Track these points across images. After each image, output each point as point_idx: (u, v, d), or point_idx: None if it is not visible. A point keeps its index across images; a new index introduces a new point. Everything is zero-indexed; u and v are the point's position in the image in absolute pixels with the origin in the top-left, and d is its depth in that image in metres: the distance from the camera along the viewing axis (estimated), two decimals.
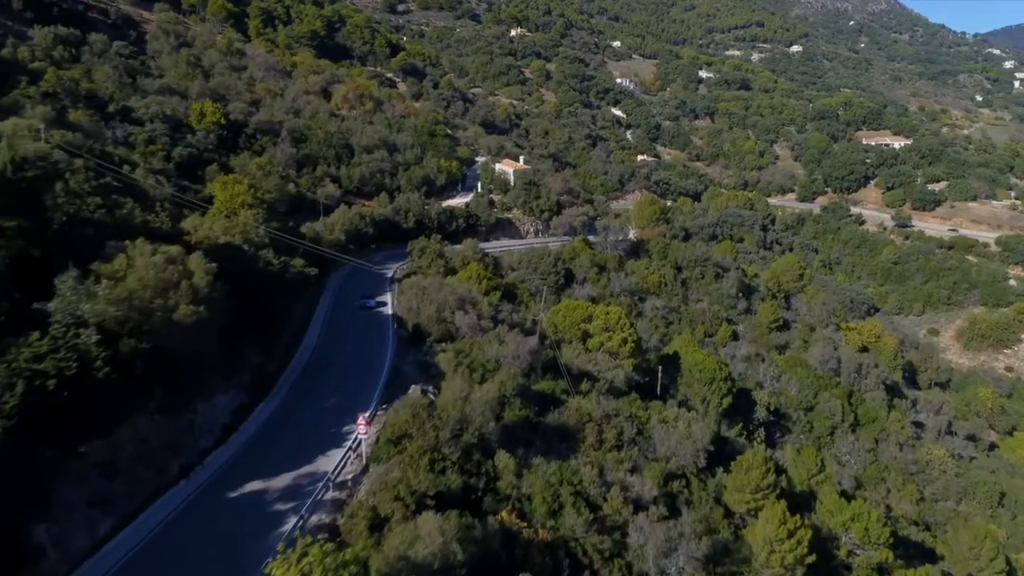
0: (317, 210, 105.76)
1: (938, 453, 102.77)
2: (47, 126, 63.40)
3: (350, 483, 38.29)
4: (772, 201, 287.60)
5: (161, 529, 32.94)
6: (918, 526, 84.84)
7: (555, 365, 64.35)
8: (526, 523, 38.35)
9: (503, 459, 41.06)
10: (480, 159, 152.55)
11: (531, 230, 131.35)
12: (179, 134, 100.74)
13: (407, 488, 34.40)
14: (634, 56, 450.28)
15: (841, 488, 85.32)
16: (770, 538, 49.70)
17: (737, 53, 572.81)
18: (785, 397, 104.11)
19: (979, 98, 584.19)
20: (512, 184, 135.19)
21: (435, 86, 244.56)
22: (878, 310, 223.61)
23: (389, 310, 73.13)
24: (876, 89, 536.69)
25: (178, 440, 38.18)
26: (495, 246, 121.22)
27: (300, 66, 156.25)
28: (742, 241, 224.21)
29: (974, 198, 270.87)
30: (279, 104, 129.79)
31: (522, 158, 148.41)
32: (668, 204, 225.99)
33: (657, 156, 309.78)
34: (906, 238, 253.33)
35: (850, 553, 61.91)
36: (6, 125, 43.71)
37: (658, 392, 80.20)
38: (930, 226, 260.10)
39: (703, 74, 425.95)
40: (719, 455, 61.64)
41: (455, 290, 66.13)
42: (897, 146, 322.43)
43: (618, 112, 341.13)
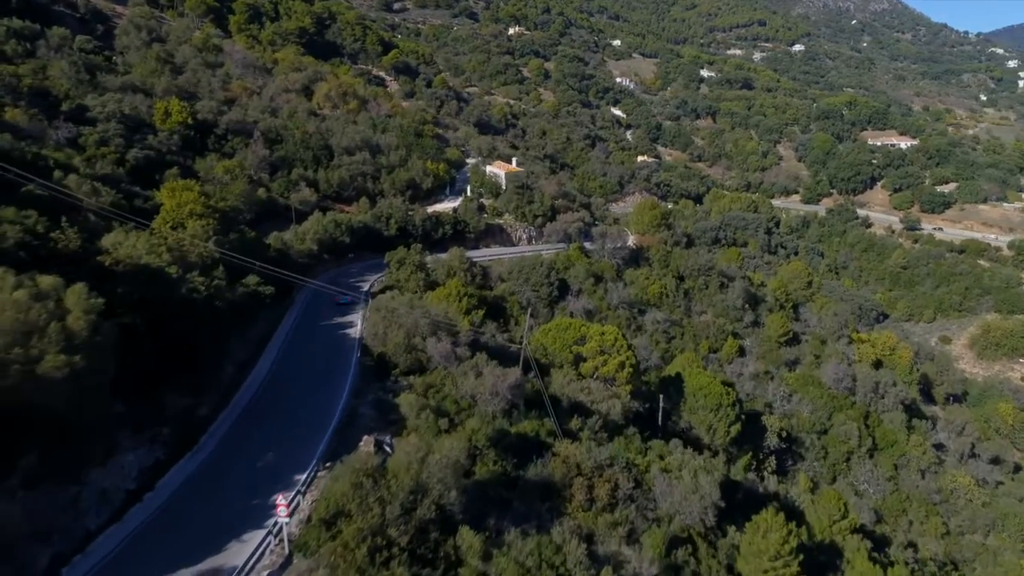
0: (290, 217, 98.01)
1: (963, 481, 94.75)
2: None
3: None
4: (776, 203, 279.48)
5: None
6: (946, 567, 76.84)
7: (542, 398, 56.28)
8: None
9: (467, 537, 33.05)
10: (471, 161, 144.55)
11: (523, 237, 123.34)
12: (139, 135, 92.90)
13: None
14: (634, 55, 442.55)
15: (862, 523, 77.41)
16: None
17: (739, 52, 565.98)
18: (797, 419, 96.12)
19: (983, 98, 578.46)
20: (504, 187, 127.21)
21: (428, 85, 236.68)
22: (887, 317, 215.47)
23: (358, 331, 65.12)
24: (879, 89, 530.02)
25: (53, 523, 30.18)
26: (484, 254, 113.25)
27: (281, 63, 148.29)
28: (746, 245, 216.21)
29: (984, 200, 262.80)
30: (255, 103, 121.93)
31: (515, 160, 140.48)
32: (669, 207, 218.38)
33: (658, 157, 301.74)
34: (915, 241, 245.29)
35: None
36: None
37: (659, 422, 72.11)
38: (939, 228, 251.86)
39: (704, 73, 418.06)
40: (730, 503, 53.61)
41: (429, 312, 58.10)
42: (904, 146, 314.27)
43: (618, 112, 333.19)
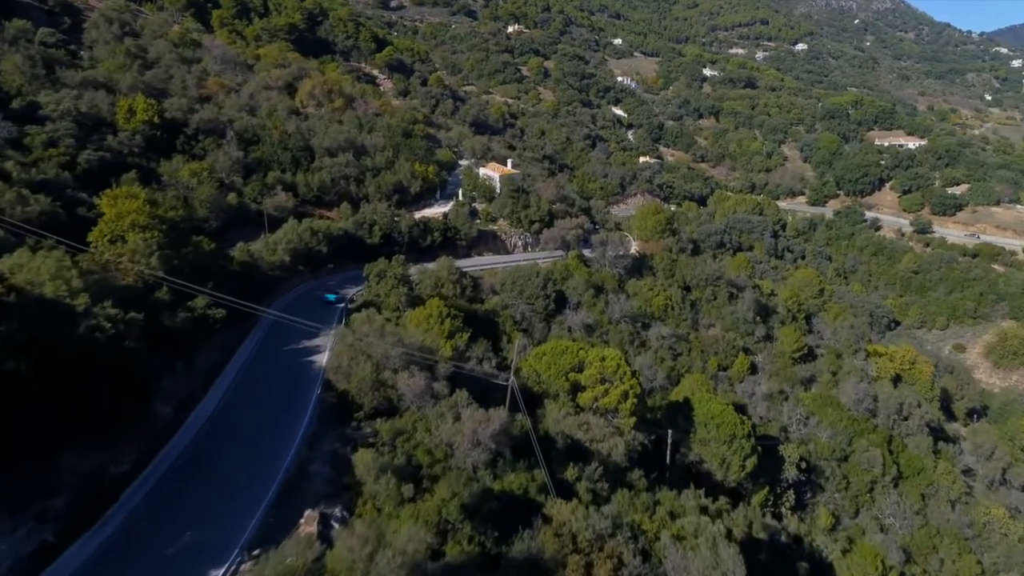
0: (265, 224, 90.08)
1: (997, 513, 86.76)
2: None
3: None
4: (781, 205, 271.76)
5: None
6: None
7: (533, 440, 48.43)
8: None
9: None
10: (464, 163, 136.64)
11: (519, 244, 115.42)
12: (97, 135, 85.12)
13: None
14: (636, 54, 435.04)
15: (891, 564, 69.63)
16: None
17: (741, 51, 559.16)
18: (815, 445, 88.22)
19: (988, 97, 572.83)
20: (498, 191, 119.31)
21: (423, 83, 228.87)
22: (898, 324, 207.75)
23: (325, 358, 57.18)
24: (883, 88, 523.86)
25: None
26: (476, 263, 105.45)
27: (264, 59, 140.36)
28: (751, 249, 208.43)
29: (997, 202, 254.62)
30: (232, 101, 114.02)
31: (510, 161, 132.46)
32: (673, 210, 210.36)
33: (660, 157, 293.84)
34: (926, 245, 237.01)
35: None
36: None
37: (667, 458, 64.21)
38: (951, 232, 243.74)
39: (707, 72, 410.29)
40: (752, 565, 45.69)
41: (402, 340, 50.16)
42: (912, 147, 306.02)
43: (619, 111, 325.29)
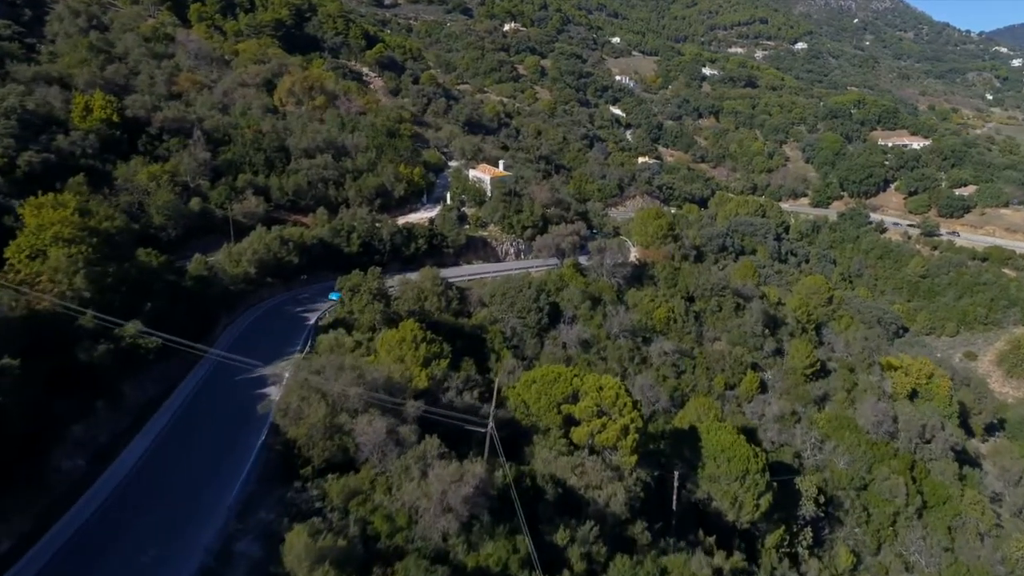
0: (234, 232, 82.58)
1: None
2: None
3: None
4: (784, 206, 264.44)
5: None
6: None
7: (518, 503, 41.01)
8: None
9: None
10: (453, 164, 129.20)
11: (511, 251, 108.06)
12: (46, 135, 77.63)
13: None
14: (634, 53, 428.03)
15: None
16: None
17: (740, 51, 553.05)
18: (831, 472, 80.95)
19: (989, 97, 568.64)
20: (489, 195, 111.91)
21: (415, 81, 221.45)
22: (907, 330, 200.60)
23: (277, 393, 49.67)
24: (884, 87, 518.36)
25: None
26: (464, 273, 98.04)
27: (242, 55, 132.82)
28: (755, 253, 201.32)
29: (1006, 204, 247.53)
30: (204, 98, 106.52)
31: (502, 163, 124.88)
32: (674, 213, 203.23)
33: (659, 158, 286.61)
34: (934, 248, 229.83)
35: None
36: None
37: (673, 504, 56.83)
38: (959, 234, 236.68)
39: (706, 71, 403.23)
40: None
41: (365, 373, 42.68)
42: (917, 147, 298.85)
43: (617, 111, 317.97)
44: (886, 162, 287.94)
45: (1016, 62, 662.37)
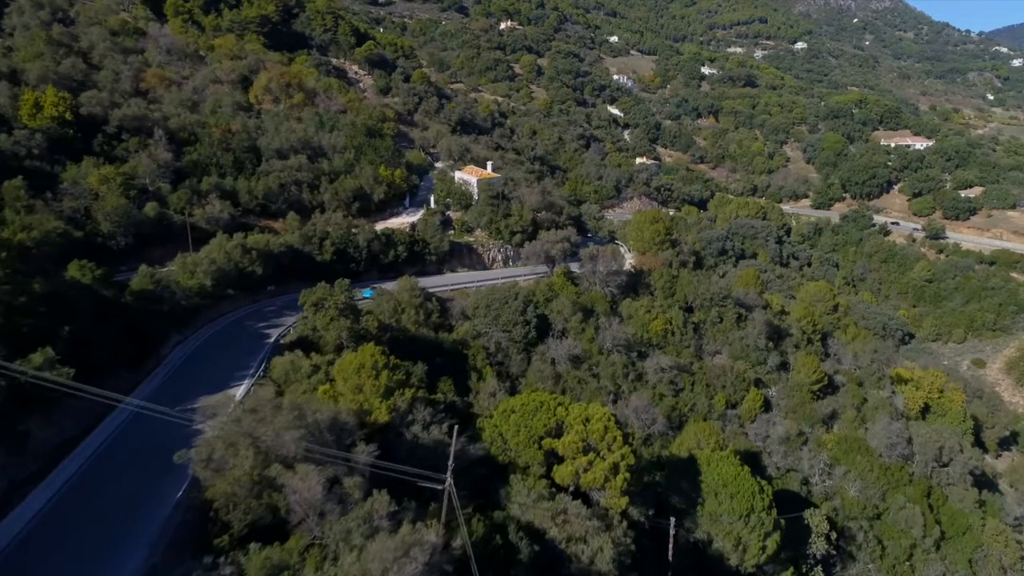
0: (198, 238, 76.11)
1: None
2: None
3: None
4: (784, 208, 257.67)
5: None
6: None
7: (493, 556, 34.76)
8: None
9: None
10: (440, 165, 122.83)
11: (498, 258, 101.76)
12: None
13: None
14: (632, 52, 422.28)
15: None
16: None
17: (739, 50, 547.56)
18: (842, 500, 74.63)
19: (990, 97, 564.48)
20: (475, 198, 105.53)
21: (406, 80, 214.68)
22: (912, 337, 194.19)
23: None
24: (885, 87, 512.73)
25: None
26: (448, 282, 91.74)
27: (218, 50, 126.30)
28: (755, 257, 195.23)
29: (1013, 206, 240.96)
30: (172, 95, 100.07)
31: (490, 164, 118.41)
32: (673, 215, 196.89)
33: (657, 158, 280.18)
34: (940, 252, 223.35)
35: None
36: None
37: (670, 554, 50.43)
38: (966, 238, 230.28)
39: (705, 70, 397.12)
40: None
41: (307, 414, 36.23)
42: (920, 147, 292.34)
43: (615, 110, 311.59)
44: (889, 163, 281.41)
45: (1016, 62, 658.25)
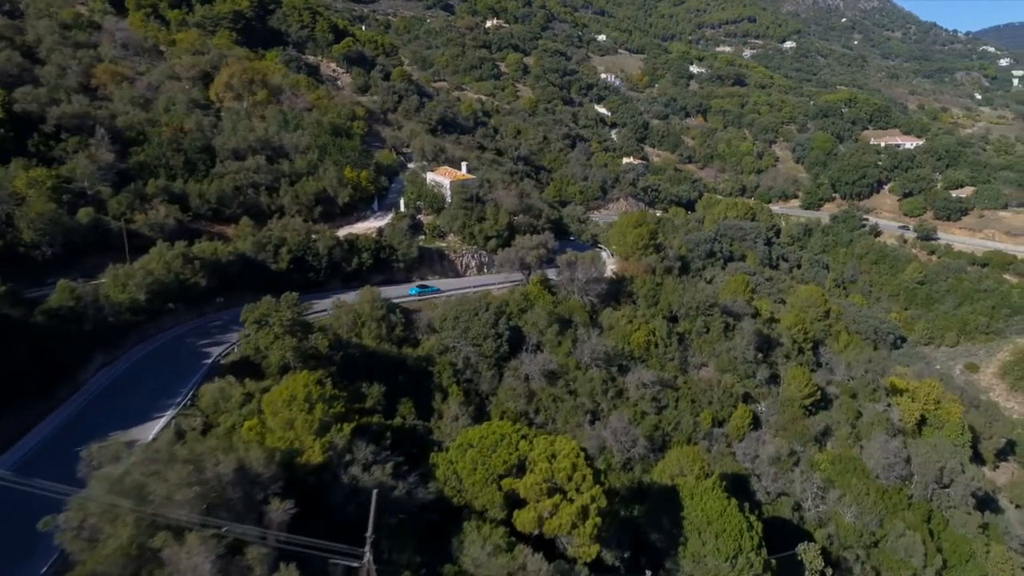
0: (140, 247, 69.80)
1: None
2: None
3: None
4: (774, 208, 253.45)
5: None
6: None
7: None
8: None
9: None
10: (412, 166, 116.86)
11: (472, 264, 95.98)
12: None
13: None
14: (620, 51, 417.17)
15: None
16: None
17: (728, 49, 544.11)
18: (837, 526, 69.25)
19: (978, 96, 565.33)
20: (448, 201, 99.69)
21: (386, 78, 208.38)
22: (904, 340, 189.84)
23: None
24: (874, 86, 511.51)
25: None
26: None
27: (179, 44, 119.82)
28: (744, 259, 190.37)
29: (1005, 206, 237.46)
30: (123, 92, 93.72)
31: (465, 165, 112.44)
32: (659, 217, 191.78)
33: (645, 158, 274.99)
34: (931, 253, 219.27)
35: None
36: None
37: None
38: (957, 239, 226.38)
39: (694, 69, 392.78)
40: None
41: (206, 467, 30.30)
42: (910, 147, 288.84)
43: (602, 109, 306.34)
44: (879, 162, 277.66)
45: (1004, 62, 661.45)
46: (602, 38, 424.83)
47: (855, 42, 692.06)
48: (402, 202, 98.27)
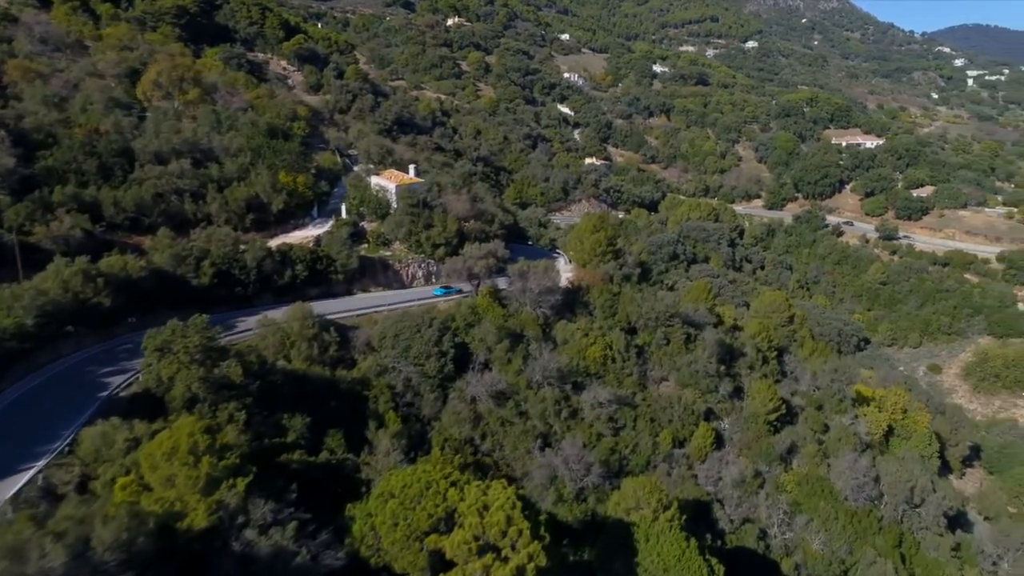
0: (37, 261, 62.56)
1: None
2: None
3: None
4: (737, 209, 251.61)
5: None
6: None
7: None
8: None
9: None
10: (356, 169, 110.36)
11: (419, 275, 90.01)
12: None
13: None
14: (584, 50, 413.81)
15: None
16: None
17: (691, 49, 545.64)
18: (804, 555, 64.95)
19: (935, 96, 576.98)
20: (394, 206, 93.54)
21: (340, 76, 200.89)
22: (868, 342, 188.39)
23: None
24: (834, 86, 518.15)
25: None
26: (356, 305, 79.48)
27: (106, 40, 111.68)
28: (707, 261, 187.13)
29: (964, 205, 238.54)
30: (35, 90, 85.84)
31: (412, 168, 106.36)
32: (621, 219, 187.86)
33: (608, 158, 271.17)
34: (893, 253, 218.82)
35: None
36: None
37: None
38: (919, 238, 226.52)
39: (657, 68, 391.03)
40: None
41: (28, 557, 24.23)
42: (871, 146, 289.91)
43: (565, 109, 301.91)
44: (841, 162, 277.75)
45: (959, 62, 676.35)
46: (565, 37, 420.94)
47: (815, 42, 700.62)
48: (344, 208, 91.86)
